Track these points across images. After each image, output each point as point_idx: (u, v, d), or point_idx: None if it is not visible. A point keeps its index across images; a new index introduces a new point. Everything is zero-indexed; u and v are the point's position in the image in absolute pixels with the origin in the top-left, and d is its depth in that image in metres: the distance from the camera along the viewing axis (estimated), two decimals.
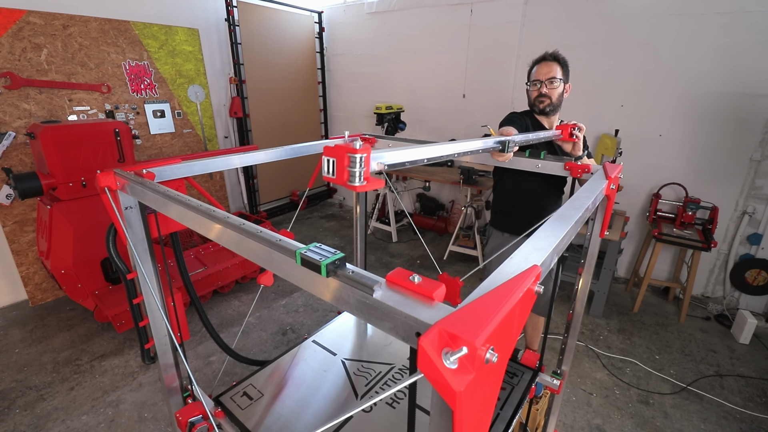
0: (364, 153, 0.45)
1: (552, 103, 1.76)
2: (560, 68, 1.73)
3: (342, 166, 0.47)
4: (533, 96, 1.80)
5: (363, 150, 0.44)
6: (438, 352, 0.36)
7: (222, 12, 4.07)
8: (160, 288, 1.12)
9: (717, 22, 2.82)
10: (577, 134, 1.46)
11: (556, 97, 1.75)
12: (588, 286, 1.27)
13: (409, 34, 4.38)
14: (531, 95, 1.81)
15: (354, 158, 0.46)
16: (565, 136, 1.47)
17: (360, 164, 0.46)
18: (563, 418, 2.14)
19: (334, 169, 0.47)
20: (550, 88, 1.74)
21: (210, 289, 3.05)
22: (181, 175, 1.07)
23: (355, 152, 0.44)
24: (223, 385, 2.30)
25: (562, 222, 0.71)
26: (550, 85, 1.74)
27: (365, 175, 0.47)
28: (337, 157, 0.46)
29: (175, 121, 3.90)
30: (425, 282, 0.47)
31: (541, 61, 1.77)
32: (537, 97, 1.78)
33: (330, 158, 0.47)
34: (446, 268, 3.83)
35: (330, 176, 0.48)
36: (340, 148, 0.45)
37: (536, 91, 1.78)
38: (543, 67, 1.75)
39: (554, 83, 1.73)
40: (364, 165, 0.46)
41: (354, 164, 0.46)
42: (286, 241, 0.59)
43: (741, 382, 2.44)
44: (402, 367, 1.39)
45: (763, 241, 3.01)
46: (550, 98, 1.75)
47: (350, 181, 0.47)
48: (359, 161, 0.45)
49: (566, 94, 1.80)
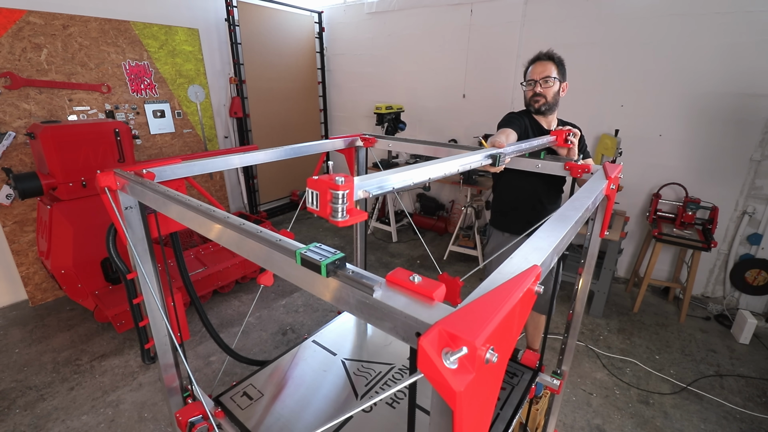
0: (347, 189, 0.46)
1: (547, 102, 1.78)
2: (555, 67, 1.75)
3: (325, 200, 0.48)
4: (528, 95, 1.82)
5: (345, 186, 0.46)
6: (438, 352, 0.36)
7: (222, 12, 4.07)
8: (160, 288, 1.12)
9: (717, 22, 2.82)
10: (571, 140, 1.45)
11: (551, 96, 1.77)
12: (588, 286, 1.27)
13: (409, 34, 4.38)
14: (526, 95, 1.84)
15: (336, 195, 0.47)
16: (560, 141, 1.47)
17: (342, 200, 0.47)
18: (563, 418, 2.14)
19: (318, 202, 0.48)
20: (545, 87, 1.76)
21: (210, 289, 3.05)
22: (181, 175, 1.07)
23: (338, 188, 0.45)
24: (223, 385, 2.30)
25: (562, 222, 0.71)
26: (544, 84, 1.75)
27: (348, 209, 0.48)
28: (320, 191, 0.48)
29: (175, 121, 3.90)
30: (425, 282, 0.47)
31: (535, 60, 1.78)
32: (532, 96, 1.80)
33: (313, 191, 0.49)
34: (446, 268, 3.83)
35: (314, 208, 0.49)
36: (323, 183, 0.46)
37: (531, 91, 1.80)
38: (538, 66, 1.76)
39: (549, 82, 1.74)
40: (346, 200, 0.47)
41: (336, 200, 0.47)
42: (286, 241, 0.59)
43: (741, 382, 2.44)
44: (402, 367, 1.39)
45: (763, 241, 3.01)
46: (545, 97, 1.77)
47: (333, 216, 0.48)
48: (341, 198, 0.47)
49: (563, 92, 1.81)
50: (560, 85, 1.78)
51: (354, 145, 1.64)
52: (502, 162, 1.00)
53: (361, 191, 0.56)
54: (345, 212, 0.49)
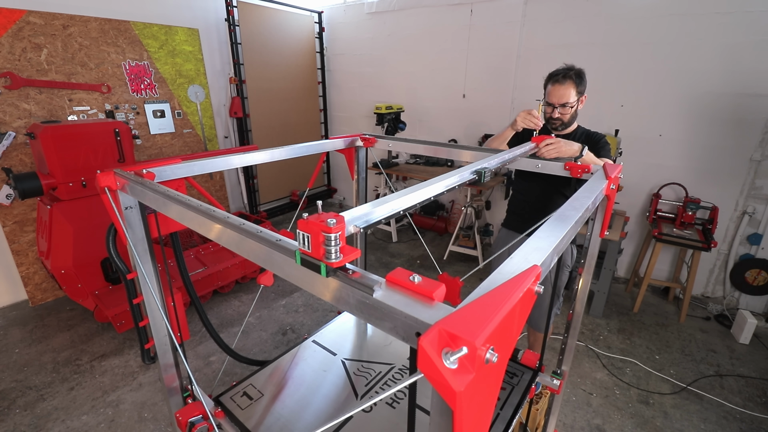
0: (338, 231, 0.45)
1: (564, 123, 1.78)
2: (574, 88, 1.70)
3: (317, 242, 0.47)
4: (546, 115, 1.81)
5: (337, 228, 0.45)
6: (438, 352, 0.36)
7: (222, 12, 4.07)
8: (160, 288, 1.12)
9: (717, 22, 2.82)
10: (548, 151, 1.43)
11: (568, 118, 1.76)
12: (588, 286, 1.27)
13: (409, 34, 4.38)
14: (545, 112, 1.81)
15: (329, 237, 0.46)
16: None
17: (335, 242, 0.46)
18: (563, 418, 2.14)
19: (309, 244, 0.47)
20: (562, 113, 1.74)
21: (210, 289, 3.05)
22: (181, 175, 1.07)
23: (330, 231, 0.44)
24: (223, 385, 2.30)
25: (562, 222, 0.71)
26: (562, 109, 1.73)
27: (341, 249, 0.47)
28: (312, 233, 0.46)
29: (175, 121, 3.90)
30: (425, 282, 0.47)
31: (555, 81, 1.73)
32: (549, 118, 1.79)
33: (304, 233, 0.47)
34: (446, 268, 3.83)
35: (306, 249, 0.48)
36: (315, 225, 0.45)
37: (549, 114, 1.79)
38: (557, 90, 1.72)
39: (566, 107, 1.72)
40: (339, 241, 0.46)
41: (329, 242, 0.46)
42: (286, 241, 0.59)
43: (741, 382, 2.44)
44: (402, 367, 1.39)
45: (763, 241, 3.01)
46: (561, 120, 1.77)
47: (326, 258, 0.47)
48: (334, 240, 0.46)
49: (581, 105, 1.78)
50: (579, 99, 1.75)
51: (354, 145, 1.64)
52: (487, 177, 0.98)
53: (352, 227, 0.55)
54: (339, 252, 0.47)
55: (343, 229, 0.48)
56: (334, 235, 0.46)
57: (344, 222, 0.48)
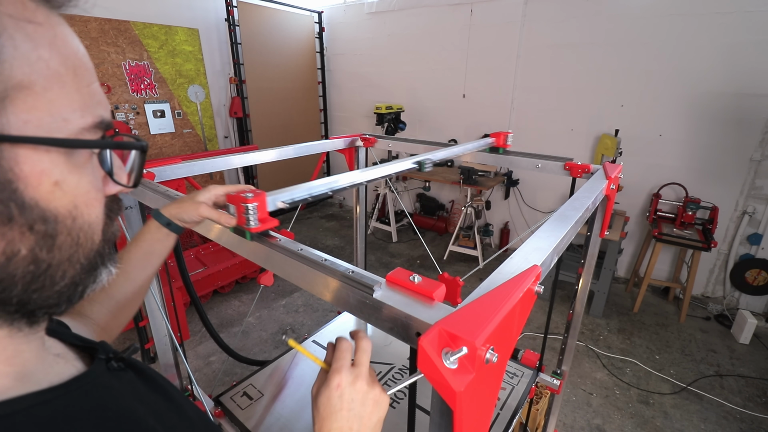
0: (255, 203, 0.58)
1: None
2: None
3: (240, 211, 0.59)
4: None
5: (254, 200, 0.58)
6: (438, 352, 0.36)
7: (222, 12, 4.07)
8: (160, 288, 1.12)
9: (717, 22, 2.82)
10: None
11: None
12: (588, 286, 1.27)
13: (409, 34, 4.38)
14: None
15: (247, 207, 0.58)
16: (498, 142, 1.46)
17: (253, 212, 0.58)
18: (563, 418, 2.14)
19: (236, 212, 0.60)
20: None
21: (210, 289, 3.05)
22: (181, 175, 1.07)
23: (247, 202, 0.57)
24: (223, 385, 2.30)
25: (562, 222, 0.71)
26: None
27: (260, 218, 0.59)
28: (236, 204, 0.59)
29: (175, 121, 3.90)
30: (425, 282, 0.47)
31: None
32: None
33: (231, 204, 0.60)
34: (446, 268, 3.83)
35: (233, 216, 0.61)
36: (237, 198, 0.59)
37: None
38: None
39: None
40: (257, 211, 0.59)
41: (248, 212, 0.58)
42: (286, 241, 0.59)
43: (741, 382, 2.44)
44: (402, 367, 1.39)
45: (763, 241, 3.01)
46: None
47: (247, 224, 0.59)
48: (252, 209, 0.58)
49: None
50: None
51: (354, 145, 1.64)
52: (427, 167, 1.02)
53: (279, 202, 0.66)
54: (257, 221, 0.59)
55: (261, 201, 0.58)
56: (252, 205, 0.57)
57: (263, 196, 0.59)
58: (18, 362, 0.33)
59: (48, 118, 0.29)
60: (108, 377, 0.39)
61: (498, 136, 1.37)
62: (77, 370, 0.38)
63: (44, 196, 0.29)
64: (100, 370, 0.39)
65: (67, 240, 0.32)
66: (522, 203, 4.08)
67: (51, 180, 0.30)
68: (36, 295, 0.31)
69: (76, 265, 0.33)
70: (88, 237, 0.34)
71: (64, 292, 0.33)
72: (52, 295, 0.32)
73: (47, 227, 0.30)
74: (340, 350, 0.51)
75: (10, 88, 0.27)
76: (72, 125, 0.31)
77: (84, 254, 0.34)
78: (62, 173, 0.31)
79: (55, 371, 0.36)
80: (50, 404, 0.32)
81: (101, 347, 0.43)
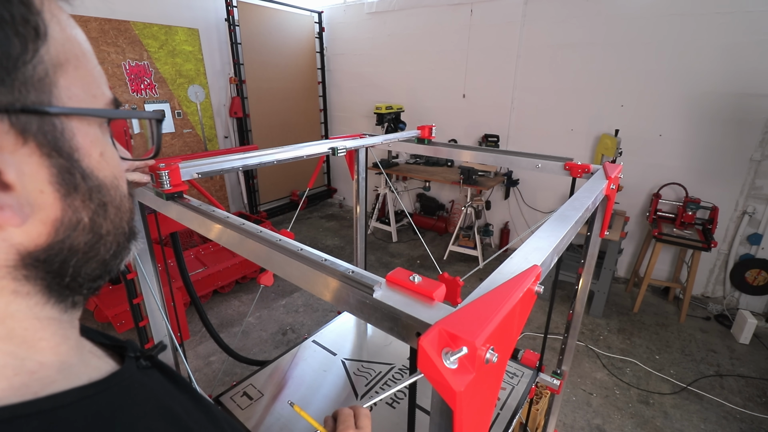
0: (167, 170, 0.76)
1: None
2: None
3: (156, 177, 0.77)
4: None
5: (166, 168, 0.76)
6: (438, 352, 0.36)
7: (222, 12, 4.07)
8: (160, 288, 1.12)
9: (717, 22, 2.82)
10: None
11: None
12: (588, 286, 1.27)
13: (409, 34, 4.38)
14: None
15: (161, 174, 0.76)
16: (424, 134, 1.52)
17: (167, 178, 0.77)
18: (563, 418, 2.14)
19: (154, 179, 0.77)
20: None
21: (210, 289, 3.05)
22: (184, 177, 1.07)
23: (161, 170, 0.76)
24: (223, 385, 2.31)
25: (562, 222, 0.71)
26: None
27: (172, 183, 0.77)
28: (154, 173, 0.77)
29: (175, 121, 3.90)
30: (425, 282, 0.47)
31: None
32: None
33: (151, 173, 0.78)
34: (446, 268, 3.83)
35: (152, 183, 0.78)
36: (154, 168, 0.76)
37: None
38: None
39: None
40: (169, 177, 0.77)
41: (162, 177, 0.76)
42: (286, 241, 0.59)
43: (741, 382, 2.44)
44: (402, 367, 1.39)
45: (763, 241, 3.01)
46: None
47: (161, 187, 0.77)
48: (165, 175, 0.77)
49: None
50: None
51: None
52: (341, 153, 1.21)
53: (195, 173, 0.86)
54: (169, 184, 0.77)
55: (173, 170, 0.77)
56: (164, 172, 0.76)
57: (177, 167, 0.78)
58: (62, 351, 0.32)
59: (83, 94, 0.31)
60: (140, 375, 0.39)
61: (423, 128, 1.49)
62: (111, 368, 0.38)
63: (96, 165, 0.32)
64: (133, 368, 0.39)
65: (112, 209, 0.34)
66: (522, 203, 4.08)
67: (98, 150, 0.32)
68: (87, 266, 0.33)
69: (120, 234, 0.35)
70: (127, 207, 0.36)
71: (109, 262, 0.35)
72: (98, 266, 0.34)
73: (102, 196, 0.32)
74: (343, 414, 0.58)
75: (57, 65, 0.28)
76: (99, 100, 0.33)
77: (127, 222, 0.36)
78: (104, 145, 0.33)
79: (93, 366, 0.36)
80: (92, 400, 0.31)
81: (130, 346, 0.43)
